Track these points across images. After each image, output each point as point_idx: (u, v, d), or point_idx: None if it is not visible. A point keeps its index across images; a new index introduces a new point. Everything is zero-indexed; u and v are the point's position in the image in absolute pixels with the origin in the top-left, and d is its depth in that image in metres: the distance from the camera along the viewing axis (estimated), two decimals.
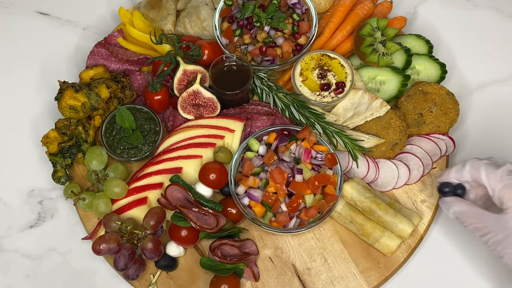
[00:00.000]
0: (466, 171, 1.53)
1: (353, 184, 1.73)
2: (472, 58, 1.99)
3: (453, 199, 1.55)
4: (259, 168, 1.69)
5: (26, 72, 2.03)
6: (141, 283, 1.70)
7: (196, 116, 1.81)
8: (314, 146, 1.70)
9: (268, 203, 1.63)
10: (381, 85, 1.86)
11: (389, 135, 1.76)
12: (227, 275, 1.62)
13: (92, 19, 2.12)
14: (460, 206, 1.53)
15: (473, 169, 1.51)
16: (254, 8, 1.86)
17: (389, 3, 1.99)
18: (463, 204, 1.53)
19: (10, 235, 1.81)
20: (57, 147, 1.76)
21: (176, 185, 1.66)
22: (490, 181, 1.47)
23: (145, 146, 1.79)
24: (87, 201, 1.72)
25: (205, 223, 1.65)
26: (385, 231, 1.67)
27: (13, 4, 2.16)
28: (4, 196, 1.86)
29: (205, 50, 1.87)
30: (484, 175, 1.49)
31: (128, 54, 1.92)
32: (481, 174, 1.49)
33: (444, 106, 1.78)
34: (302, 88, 1.80)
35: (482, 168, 1.50)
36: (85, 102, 1.76)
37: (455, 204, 1.54)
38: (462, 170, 1.54)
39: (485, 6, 2.08)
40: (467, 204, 1.53)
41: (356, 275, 1.69)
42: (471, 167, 1.52)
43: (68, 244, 1.79)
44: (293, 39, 1.88)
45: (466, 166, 1.53)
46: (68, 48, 2.06)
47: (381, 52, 1.82)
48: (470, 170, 1.52)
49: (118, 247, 1.61)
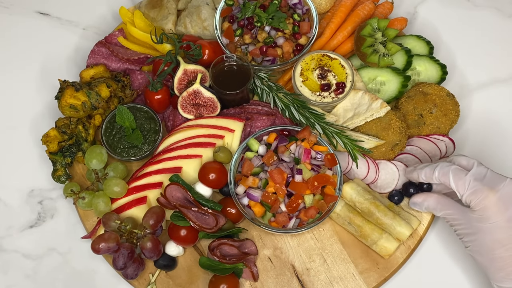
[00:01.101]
0: (435, 177, 1.58)
1: (352, 185, 1.73)
2: (472, 59, 1.99)
3: (424, 196, 1.63)
4: (258, 168, 1.69)
5: (26, 72, 2.03)
6: (140, 283, 1.70)
7: (196, 115, 1.81)
8: (314, 147, 1.70)
9: (267, 203, 1.63)
10: (382, 85, 1.86)
11: (389, 136, 1.75)
12: (226, 275, 1.62)
13: (93, 19, 2.12)
14: (431, 201, 1.61)
15: (441, 175, 1.56)
16: (255, 8, 1.86)
17: (390, 4, 1.99)
18: (433, 198, 1.61)
19: (10, 235, 1.81)
20: (57, 146, 1.76)
21: (175, 185, 1.66)
22: (458, 187, 1.52)
23: (145, 145, 1.79)
24: (87, 200, 1.72)
25: (204, 222, 1.65)
26: (384, 233, 1.67)
27: (13, 4, 2.16)
28: (4, 196, 1.86)
29: (205, 50, 1.87)
30: (452, 182, 1.53)
31: (128, 54, 1.92)
32: (450, 180, 1.54)
33: (444, 107, 1.78)
34: (302, 88, 1.80)
35: (450, 174, 1.54)
36: (85, 101, 1.76)
37: (427, 200, 1.62)
38: (432, 175, 1.58)
39: (485, 6, 2.08)
40: (437, 197, 1.60)
41: (355, 275, 1.68)
42: (440, 173, 1.56)
43: (68, 244, 1.79)
44: (293, 39, 1.88)
45: (435, 172, 1.57)
46: (68, 48, 2.06)
47: (382, 52, 1.82)
48: (439, 176, 1.57)
49: (117, 246, 1.61)
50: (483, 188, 1.48)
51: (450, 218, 1.57)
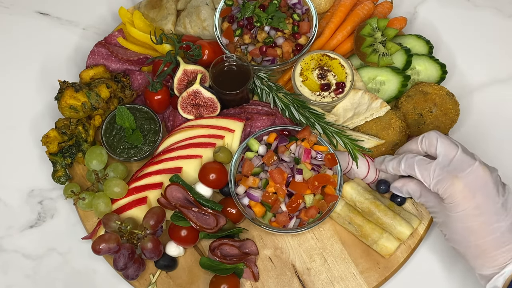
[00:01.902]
0: (402, 169, 1.60)
1: (353, 185, 1.73)
2: (472, 58, 1.99)
3: (403, 181, 1.64)
4: (259, 168, 1.69)
5: (26, 72, 2.03)
6: (141, 283, 1.70)
7: (196, 116, 1.81)
8: (314, 146, 1.70)
9: (268, 203, 1.63)
10: (381, 85, 1.86)
11: (389, 135, 1.75)
12: (227, 275, 1.62)
13: (92, 19, 2.12)
14: (410, 186, 1.62)
15: (407, 167, 1.58)
16: (254, 8, 1.86)
17: (389, 3, 1.99)
18: (412, 183, 1.62)
19: (10, 235, 1.81)
20: (57, 147, 1.76)
21: (176, 185, 1.66)
22: (424, 178, 1.53)
23: (145, 146, 1.79)
24: (87, 200, 1.72)
25: (204, 223, 1.65)
26: (384, 233, 1.67)
27: (13, 4, 2.16)
28: (4, 196, 1.86)
29: (205, 50, 1.87)
30: (418, 173, 1.54)
31: (128, 54, 1.92)
32: (415, 171, 1.55)
33: (444, 106, 1.78)
34: (302, 88, 1.80)
35: (415, 166, 1.55)
36: (85, 102, 1.76)
37: (406, 185, 1.63)
38: (398, 167, 1.60)
39: (485, 6, 2.08)
40: (416, 183, 1.61)
41: (356, 275, 1.68)
42: (405, 165, 1.58)
43: (68, 244, 1.79)
44: (293, 39, 1.88)
45: (401, 164, 1.59)
46: (68, 48, 2.06)
47: (381, 52, 1.82)
48: (405, 168, 1.58)
49: (117, 246, 1.61)
50: (447, 176, 1.48)
51: (428, 205, 1.58)
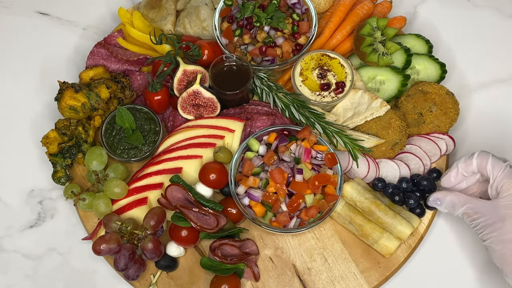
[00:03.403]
0: (474, 161, 1.62)
1: (353, 185, 1.73)
2: (472, 58, 2.00)
3: (445, 192, 1.65)
4: (259, 168, 1.69)
5: (26, 72, 2.03)
6: (141, 283, 1.70)
7: (196, 116, 1.81)
8: (314, 146, 1.70)
9: (268, 203, 1.63)
10: (381, 84, 1.86)
11: (389, 135, 1.76)
12: (228, 275, 1.63)
13: (92, 19, 2.12)
14: (452, 197, 1.63)
15: (481, 159, 1.61)
16: (254, 8, 1.86)
17: (389, 3, 1.99)
18: (453, 193, 1.64)
19: (10, 235, 1.81)
20: (57, 148, 1.76)
21: (176, 185, 1.66)
22: (494, 170, 1.57)
23: (145, 146, 1.79)
24: (87, 201, 1.72)
25: (205, 223, 1.65)
26: (384, 232, 1.67)
27: (13, 4, 2.15)
28: (4, 196, 1.86)
29: (205, 50, 1.87)
30: (490, 165, 1.58)
31: (128, 54, 1.92)
32: (488, 164, 1.59)
33: (444, 105, 1.78)
34: (302, 88, 1.80)
35: (489, 159, 1.59)
36: (85, 103, 1.76)
37: (448, 195, 1.64)
38: (471, 159, 1.63)
39: (485, 6, 2.08)
40: (457, 193, 1.64)
41: (357, 275, 1.69)
42: (479, 157, 1.61)
43: (68, 244, 1.79)
44: (293, 39, 1.88)
45: (474, 156, 1.62)
46: (68, 48, 2.06)
47: (381, 52, 1.82)
48: (478, 160, 1.61)
49: (118, 247, 1.61)
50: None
51: (472, 211, 1.58)
